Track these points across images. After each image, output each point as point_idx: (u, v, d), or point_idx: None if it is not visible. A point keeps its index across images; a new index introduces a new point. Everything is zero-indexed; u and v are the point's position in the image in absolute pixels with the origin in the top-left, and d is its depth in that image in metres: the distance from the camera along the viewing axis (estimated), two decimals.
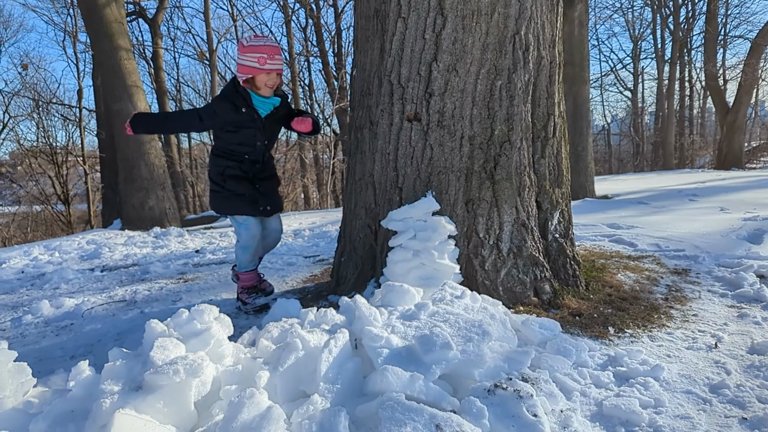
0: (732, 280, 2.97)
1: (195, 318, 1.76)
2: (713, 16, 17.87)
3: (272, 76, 2.73)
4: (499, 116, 2.58)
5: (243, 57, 2.69)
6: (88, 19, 8.89)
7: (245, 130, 2.80)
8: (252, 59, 2.67)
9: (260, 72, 2.69)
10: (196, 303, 3.13)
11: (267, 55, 2.66)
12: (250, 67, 2.68)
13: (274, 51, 2.69)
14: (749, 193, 6.97)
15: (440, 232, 2.47)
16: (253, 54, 2.66)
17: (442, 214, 2.58)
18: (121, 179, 9.12)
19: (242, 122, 2.78)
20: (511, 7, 2.51)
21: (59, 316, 3.19)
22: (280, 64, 2.73)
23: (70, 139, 19.69)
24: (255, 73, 2.69)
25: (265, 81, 2.73)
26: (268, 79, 2.73)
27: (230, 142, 2.83)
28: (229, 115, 2.75)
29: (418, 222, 2.53)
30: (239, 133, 2.80)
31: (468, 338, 1.81)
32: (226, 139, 2.83)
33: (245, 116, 2.78)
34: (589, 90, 8.74)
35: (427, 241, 2.45)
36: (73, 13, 17.92)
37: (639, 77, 25.71)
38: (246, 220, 2.90)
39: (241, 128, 2.79)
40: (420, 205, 2.55)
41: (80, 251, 5.85)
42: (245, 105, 2.76)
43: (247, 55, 2.67)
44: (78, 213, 19.59)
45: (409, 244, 2.47)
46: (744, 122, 17.33)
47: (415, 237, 2.48)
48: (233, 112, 2.75)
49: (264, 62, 2.66)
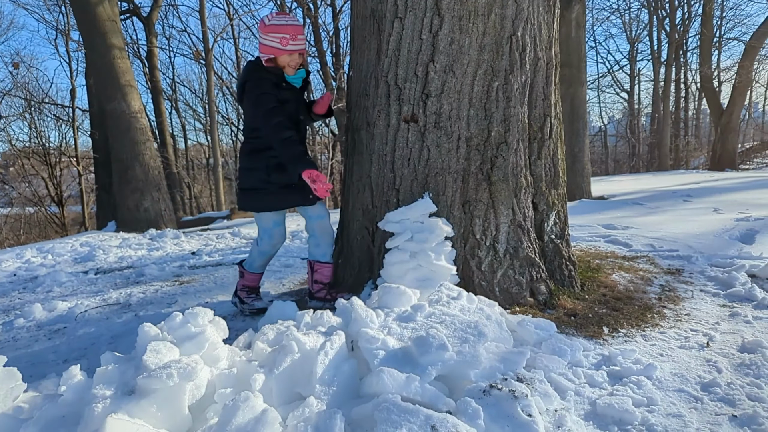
0: (724, 280, 2.99)
1: (189, 321, 1.75)
2: (708, 18, 17.96)
3: (294, 56, 2.65)
4: (496, 117, 2.58)
5: (265, 36, 2.60)
6: (80, 17, 8.83)
7: (288, 105, 2.70)
8: (274, 39, 2.58)
9: (282, 53, 2.61)
10: (192, 306, 3.11)
11: (290, 36, 2.57)
12: (271, 47, 2.60)
13: (296, 30, 2.60)
14: (742, 193, 7.01)
15: (437, 233, 2.47)
16: (275, 34, 2.57)
17: (439, 216, 2.57)
18: (115, 180, 9.07)
19: (285, 97, 2.68)
20: (508, 8, 2.51)
21: (52, 320, 3.17)
22: (303, 43, 2.64)
23: (63, 139, 19.63)
24: (277, 54, 2.61)
25: (287, 61, 2.65)
26: (290, 60, 2.65)
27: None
28: (276, 92, 2.64)
29: (415, 224, 2.53)
30: (285, 107, 2.68)
31: (464, 339, 1.80)
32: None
33: (287, 91, 2.69)
34: (586, 91, 8.77)
35: (424, 243, 2.44)
36: (66, 11, 17.84)
37: (636, 79, 25.82)
38: (271, 229, 2.85)
39: (284, 103, 2.67)
40: (417, 206, 2.55)
41: (74, 253, 5.82)
42: (282, 79, 2.67)
43: (269, 35, 2.58)
44: (72, 215, 19.50)
45: (406, 245, 2.47)
46: (738, 124, 17.43)
47: (412, 239, 2.47)
48: (277, 88, 2.65)
49: (286, 43, 2.57)
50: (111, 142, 9.05)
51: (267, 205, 2.79)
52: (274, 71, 2.66)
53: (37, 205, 18.47)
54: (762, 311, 2.56)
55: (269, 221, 2.85)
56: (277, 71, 2.66)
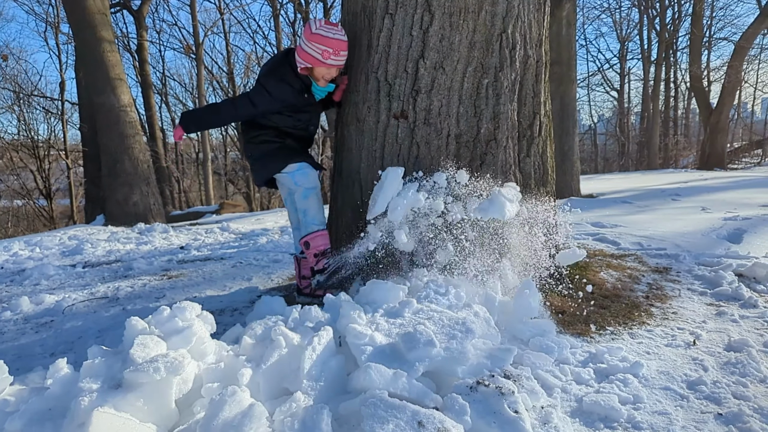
0: (711, 279, 3.02)
1: (177, 315, 1.74)
2: (699, 18, 18.10)
3: (332, 70, 2.61)
4: (486, 114, 2.58)
5: (307, 44, 2.52)
6: (70, 10, 8.73)
7: (302, 115, 2.69)
8: (316, 50, 2.51)
9: (321, 65, 2.56)
10: (180, 300, 3.11)
11: (333, 50, 2.51)
12: (312, 56, 2.53)
13: (340, 46, 2.53)
14: (730, 193, 7.10)
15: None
16: (319, 45, 2.50)
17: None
18: (104, 174, 8.99)
19: (301, 107, 2.66)
20: (499, 6, 2.52)
21: (39, 313, 3.14)
22: (343, 60, 2.59)
23: (52, 132, 19.45)
24: (315, 65, 2.56)
25: (324, 74, 2.61)
26: (327, 73, 2.61)
27: (281, 124, 2.70)
28: (288, 99, 2.61)
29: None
30: (293, 118, 2.68)
31: (451, 336, 1.81)
32: (276, 120, 2.69)
33: (305, 101, 2.66)
34: (576, 89, 8.82)
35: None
36: (55, 3, 17.66)
37: (626, 78, 25.99)
38: (302, 167, 2.75)
39: (298, 113, 2.67)
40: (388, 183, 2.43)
41: (62, 247, 5.77)
42: (306, 90, 2.64)
43: (312, 44, 2.51)
44: (60, 208, 19.32)
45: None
46: (727, 123, 17.61)
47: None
48: (293, 96, 2.61)
49: (328, 56, 2.52)
50: (100, 136, 8.96)
51: (295, 158, 2.73)
52: (303, 79, 2.62)
53: (26, 198, 18.28)
54: (748, 310, 2.59)
55: (309, 178, 2.77)
56: (306, 80, 2.63)
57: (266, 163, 2.77)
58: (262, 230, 6.37)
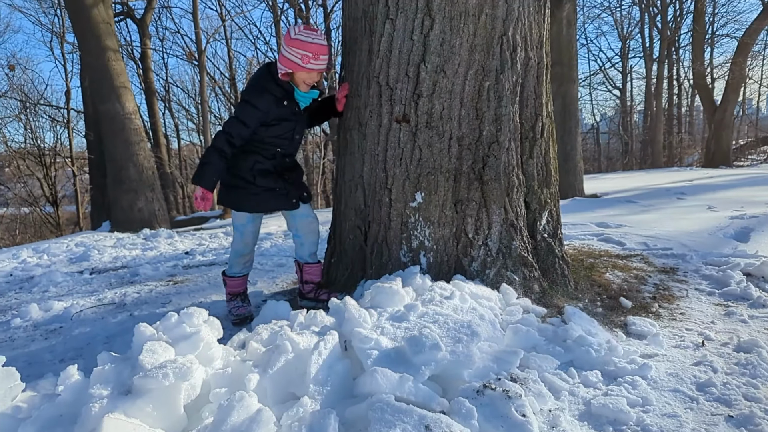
0: (719, 279, 3.00)
1: (184, 321, 1.76)
2: (701, 14, 18.03)
3: (313, 75, 2.62)
4: (487, 117, 2.59)
5: (287, 50, 2.54)
6: (75, 20, 8.81)
7: (285, 123, 2.67)
8: (296, 55, 2.52)
9: (301, 69, 2.56)
10: (186, 305, 3.11)
11: (312, 54, 2.52)
12: (292, 62, 2.54)
13: (320, 50, 2.54)
14: (736, 191, 7.06)
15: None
16: (298, 50, 2.51)
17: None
18: (109, 181, 9.06)
19: (284, 115, 2.65)
20: (499, 9, 2.53)
21: (48, 320, 3.17)
22: (324, 64, 2.59)
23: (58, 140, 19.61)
24: (296, 70, 2.57)
25: (304, 79, 2.61)
26: (308, 77, 2.61)
27: (265, 135, 2.67)
28: (272, 108, 2.60)
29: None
30: (278, 127, 2.66)
31: (457, 339, 1.82)
32: (260, 132, 2.66)
33: (287, 109, 2.65)
34: (578, 89, 8.80)
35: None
36: (61, 14, 17.85)
37: (628, 76, 25.91)
38: (245, 226, 2.80)
39: (281, 122, 2.66)
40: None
41: (69, 254, 5.80)
42: (287, 97, 2.64)
43: (292, 49, 2.52)
44: (67, 215, 19.47)
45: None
46: (731, 120, 17.52)
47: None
48: (275, 105, 2.60)
49: (308, 61, 2.53)
50: (105, 143, 9.04)
51: (248, 206, 2.76)
52: (284, 86, 2.62)
53: (32, 205, 18.44)
54: (757, 310, 2.57)
55: (243, 219, 2.80)
56: (287, 87, 2.63)
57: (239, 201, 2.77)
58: (265, 234, 6.38)
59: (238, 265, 2.93)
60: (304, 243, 2.90)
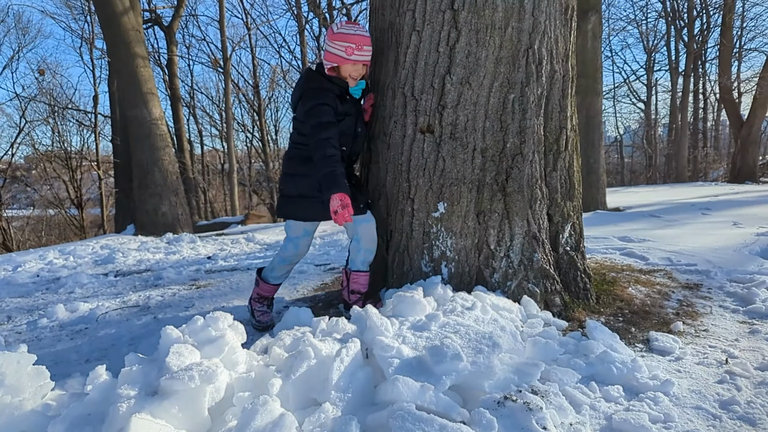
0: (744, 296, 2.95)
1: (210, 325, 1.79)
2: (728, 28, 17.75)
3: (358, 67, 2.62)
4: (512, 129, 2.60)
5: (331, 44, 2.58)
6: (105, 27, 9.05)
7: (348, 119, 2.64)
8: (339, 48, 2.55)
9: (346, 62, 2.57)
10: (209, 309, 3.18)
11: (355, 45, 2.54)
12: (336, 55, 2.57)
13: (363, 41, 2.56)
14: (763, 207, 6.91)
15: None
16: (341, 42, 2.54)
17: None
18: (135, 185, 9.24)
19: (347, 110, 2.63)
20: (525, 22, 2.54)
21: (74, 320, 3.24)
22: (368, 55, 2.61)
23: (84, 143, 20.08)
24: (341, 63, 2.58)
25: (350, 71, 2.61)
26: (353, 70, 2.61)
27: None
28: (337, 104, 2.58)
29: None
30: (343, 123, 2.61)
31: (478, 350, 1.82)
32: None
33: (349, 104, 2.65)
34: (602, 102, 8.73)
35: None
36: (91, 20, 18.36)
37: (652, 89, 25.60)
38: (300, 238, 2.76)
39: (345, 116, 2.62)
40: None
41: (94, 256, 5.93)
42: (345, 92, 2.64)
43: (335, 43, 2.56)
44: (91, 217, 19.88)
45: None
46: (758, 136, 17.18)
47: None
48: (339, 100, 2.59)
49: (351, 52, 2.55)
50: (132, 148, 9.23)
51: (313, 214, 2.67)
52: (338, 82, 2.62)
53: (58, 207, 18.87)
54: None
55: (301, 230, 2.76)
56: (342, 83, 2.63)
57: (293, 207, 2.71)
58: None
59: (281, 271, 2.88)
60: (360, 249, 2.74)
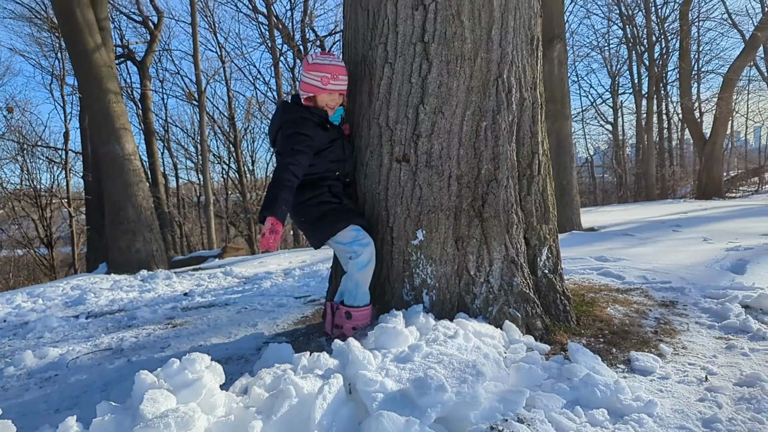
0: (718, 312, 3.00)
1: (186, 368, 1.73)
2: (686, 52, 18.56)
3: (334, 96, 2.66)
4: (485, 156, 2.64)
5: (306, 75, 2.61)
6: (77, 64, 8.98)
7: (336, 144, 2.66)
8: (315, 78, 2.59)
9: (322, 91, 2.61)
10: (185, 349, 3.09)
11: (331, 75, 2.58)
12: (312, 85, 2.60)
13: (338, 71, 2.61)
14: (730, 222, 7.11)
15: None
16: (317, 73, 2.58)
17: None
18: (107, 222, 9.05)
19: (332, 136, 2.65)
20: (493, 53, 2.61)
21: (43, 367, 3.11)
22: (343, 84, 2.65)
23: (55, 181, 19.67)
24: (317, 92, 2.61)
25: (327, 101, 2.65)
26: (330, 99, 2.65)
27: (324, 163, 2.64)
28: (318, 133, 2.59)
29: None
30: (331, 149, 2.64)
31: (462, 379, 1.80)
32: (317, 162, 2.61)
33: (333, 130, 2.67)
34: (571, 125, 8.97)
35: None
36: (61, 57, 18.22)
37: (618, 111, 26.41)
38: (360, 235, 2.62)
39: (333, 143, 2.65)
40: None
41: (64, 297, 5.75)
42: (326, 120, 2.66)
43: (311, 74, 2.59)
44: (61, 256, 19.33)
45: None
46: (721, 153, 17.81)
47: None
48: (321, 129, 2.61)
49: (327, 82, 2.59)
50: (104, 184, 9.06)
51: (348, 217, 2.63)
52: (318, 112, 2.64)
53: (27, 246, 18.31)
54: (758, 343, 2.56)
55: (351, 234, 2.63)
56: (320, 112, 2.64)
57: (325, 224, 2.65)
58: (265, 273, 6.36)
59: (368, 284, 2.65)
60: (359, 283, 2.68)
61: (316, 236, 2.70)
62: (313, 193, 2.64)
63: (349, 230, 2.63)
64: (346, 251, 2.65)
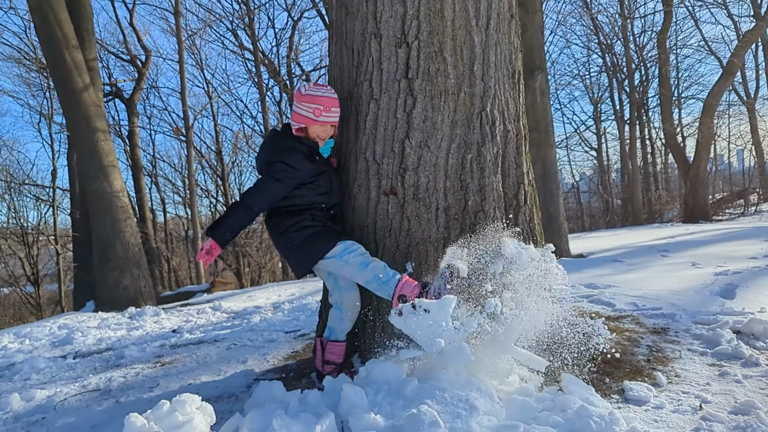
0: (710, 338, 3.00)
1: (177, 409, 1.71)
2: (665, 79, 19.08)
3: (326, 128, 2.66)
4: (472, 188, 2.68)
5: (299, 105, 2.61)
6: (65, 104, 9.03)
7: (323, 176, 2.67)
8: (308, 109, 2.59)
9: (314, 123, 2.61)
10: (175, 389, 3.03)
11: (323, 107, 2.59)
12: (304, 116, 2.61)
13: (331, 103, 2.62)
14: (718, 246, 7.19)
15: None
16: (309, 104, 2.59)
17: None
18: (95, 259, 8.95)
19: (319, 169, 2.65)
20: (476, 87, 2.68)
21: (30, 410, 3.03)
22: (335, 116, 2.65)
23: (42, 218, 19.48)
24: (309, 124, 2.62)
25: (318, 132, 2.65)
26: (321, 131, 2.66)
27: (311, 195, 2.63)
28: (306, 165, 2.58)
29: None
30: (318, 182, 2.64)
31: (456, 414, 1.79)
32: (303, 194, 2.61)
33: (320, 162, 2.67)
34: (556, 152, 9.12)
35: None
36: (50, 96, 18.30)
37: (602, 137, 26.92)
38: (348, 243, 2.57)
39: (319, 176, 2.65)
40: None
41: (52, 337, 5.64)
42: (315, 152, 2.66)
43: (303, 105, 2.60)
44: (48, 294, 19.03)
45: None
46: (705, 177, 18.08)
47: None
48: (308, 161, 2.60)
49: (320, 114, 2.59)
50: (92, 222, 9.01)
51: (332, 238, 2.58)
52: (308, 143, 2.64)
53: (13, 285, 18.00)
54: (751, 369, 2.56)
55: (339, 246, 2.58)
56: (311, 143, 2.65)
57: (313, 245, 2.59)
58: (254, 308, 6.30)
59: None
60: (344, 318, 2.71)
61: (303, 261, 2.63)
62: (295, 220, 2.60)
63: (337, 246, 2.58)
64: (340, 264, 2.57)
